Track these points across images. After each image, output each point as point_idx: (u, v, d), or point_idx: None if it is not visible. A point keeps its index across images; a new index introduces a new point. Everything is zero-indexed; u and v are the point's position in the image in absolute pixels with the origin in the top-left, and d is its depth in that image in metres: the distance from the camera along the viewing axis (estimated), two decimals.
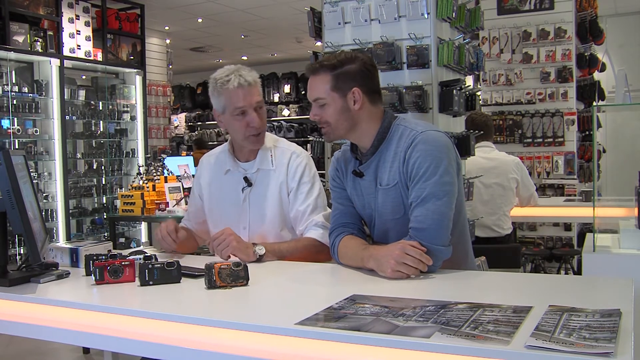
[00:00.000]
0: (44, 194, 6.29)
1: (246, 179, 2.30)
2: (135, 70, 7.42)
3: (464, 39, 3.33)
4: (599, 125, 6.66)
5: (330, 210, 2.22)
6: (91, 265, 1.86)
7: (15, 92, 5.97)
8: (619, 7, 8.43)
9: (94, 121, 7.03)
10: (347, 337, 1.24)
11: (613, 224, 3.12)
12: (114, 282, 1.81)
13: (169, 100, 8.82)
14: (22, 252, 5.68)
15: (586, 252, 2.66)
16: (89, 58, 6.80)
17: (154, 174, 5.14)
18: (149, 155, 7.49)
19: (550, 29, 5.61)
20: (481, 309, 1.37)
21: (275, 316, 1.48)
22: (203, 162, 2.49)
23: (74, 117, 6.72)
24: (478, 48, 3.50)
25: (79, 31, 6.70)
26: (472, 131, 3.29)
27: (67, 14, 6.58)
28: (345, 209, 2.11)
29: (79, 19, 6.70)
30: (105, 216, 6.94)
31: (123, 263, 1.83)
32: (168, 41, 9.24)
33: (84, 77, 7.56)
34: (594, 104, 5.87)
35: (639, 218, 2.58)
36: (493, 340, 1.16)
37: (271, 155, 2.31)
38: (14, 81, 6.03)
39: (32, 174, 2.68)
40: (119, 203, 4.94)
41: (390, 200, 1.97)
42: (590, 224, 3.36)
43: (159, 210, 4.67)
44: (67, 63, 6.51)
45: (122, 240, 6.92)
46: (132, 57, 7.51)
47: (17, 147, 5.98)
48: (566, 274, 5.11)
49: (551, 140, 5.59)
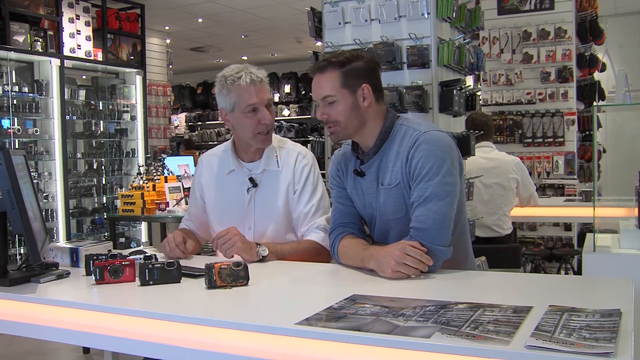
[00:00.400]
0: (44, 194, 6.29)
1: (252, 179, 2.29)
2: (136, 70, 7.42)
3: (464, 39, 3.33)
4: (599, 125, 6.66)
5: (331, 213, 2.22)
6: (91, 265, 1.86)
7: (16, 92, 5.97)
8: (619, 7, 8.43)
9: (94, 121, 7.03)
10: (347, 337, 1.24)
11: (613, 224, 3.12)
12: (114, 282, 1.81)
13: (169, 100, 8.82)
14: (22, 252, 5.68)
15: (586, 252, 2.66)
16: (89, 58, 6.80)
17: (154, 173, 5.14)
18: (149, 155, 7.49)
19: (550, 29, 5.61)
20: (481, 309, 1.37)
21: (275, 316, 1.48)
22: (203, 162, 2.46)
23: (74, 117, 6.71)
24: (478, 48, 3.50)
25: (79, 31, 6.70)
26: (472, 131, 3.29)
27: (67, 13, 6.58)
28: (345, 208, 2.10)
29: (79, 19, 6.70)
30: (105, 216, 6.93)
31: (123, 263, 1.83)
32: (168, 41, 9.24)
33: (84, 77, 7.56)
34: (594, 104, 5.87)
35: (639, 218, 2.58)
36: (493, 340, 1.16)
37: (277, 156, 2.29)
38: (14, 81, 6.03)
39: (32, 173, 2.67)
40: (119, 203, 4.94)
41: (392, 200, 1.97)
42: (590, 224, 3.37)
43: (159, 210, 4.67)
44: (67, 63, 6.51)
45: (122, 240, 6.92)
46: (132, 57, 7.51)
47: (17, 147, 5.98)
48: (566, 274, 5.11)
49: (551, 140, 5.59)
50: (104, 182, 7.05)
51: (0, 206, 1.77)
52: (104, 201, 7.06)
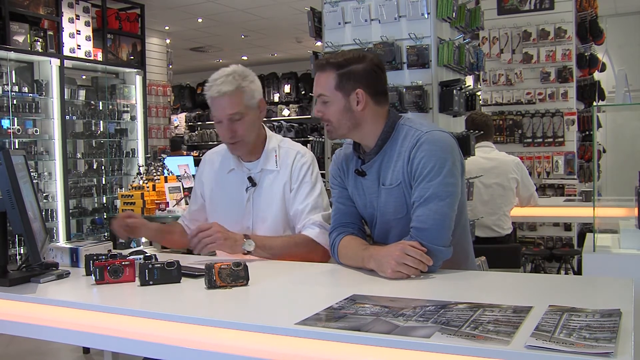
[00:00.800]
0: (44, 194, 6.29)
1: (250, 179, 2.29)
2: (135, 70, 7.42)
3: (464, 39, 3.33)
4: (599, 125, 6.66)
5: (329, 212, 2.22)
6: (91, 265, 1.86)
7: (15, 92, 5.97)
8: (619, 7, 8.43)
9: (94, 121, 7.03)
10: (347, 337, 1.24)
11: (613, 224, 3.12)
12: (114, 282, 1.81)
13: (169, 100, 8.82)
14: (22, 252, 5.68)
15: (586, 252, 2.66)
16: (89, 58, 6.80)
17: (154, 173, 5.14)
18: (149, 155, 7.49)
19: (550, 29, 5.61)
20: (481, 309, 1.37)
21: (275, 316, 1.47)
22: (206, 160, 2.48)
23: (74, 117, 6.72)
24: (478, 48, 3.51)
25: (79, 31, 6.71)
26: (472, 131, 3.29)
27: (67, 13, 6.58)
28: (345, 208, 2.10)
29: (79, 19, 6.71)
30: (105, 216, 6.93)
31: (123, 263, 1.83)
32: (168, 41, 9.25)
33: (84, 77, 7.56)
34: (594, 104, 5.87)
35: (639, 218, 2.58)
36: (493, 340, 1.16)
37: (276, 156, 2.30)
38: (14, 81, 6.03)
39: (32, 173, 2.68)
40: (119, 203, 4.95)
41: (393, 200, 1.97)
42: (590, 224, 3.36)
43: (159, 210, 4.67)
44: (67, 63, 6.51)
45: (122, 240, 6.90)
46: (132, 57, 7.51)
47: (17, 147, 5.98)
48: (566, 274, 5.11)
49: (551, 140, 5.59)
50: (104, 182, 7.05)
51: (0, 206, 1.77)
52: (104, 201, 7.06)
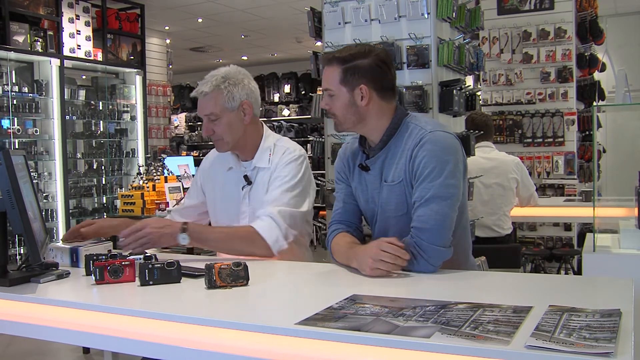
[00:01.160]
0: (44, 194, 6.29)
1: (246, 177, 2.31)
2: (135, 70, 7.42)
3: (464, 39, 3.34)
4: (599, 125, 6.66)
5: (298, 211, 2.19)
6: (91, 265, 1.86)
7: (15, 92, 5.97)
8: (619, 7, 8.43)
9: (94, 121, 7.03)
10: (347, 337, 1.24)
11: (613, 224, 3.12)
12: (114, 282, 1.81)
13: (169, 100, 8.82)
14: (22, 252, 5.68)
15: (586, 252, 2.66)
16: (89, 58, 6.80)
17: (154, 174, 5.14)
18: (149, 155, 7.49)
19: (550, 29, 5.61)
20: (481, 309, 1.37)
21: (275, 316, 1.48)
22: (208, 158, 2.51)
23: (74, 117, 6.72)
24: (478, 48, 3.51)
25: (79, 31, 6.71)
26: (472, 131, 3.29)
27: (67, 14, 6.58)
28: (345, 206, 2.11)
29: (79, 19, 6.71)
30: (105, 216, 6.93)
31: (123, 263, 1.83)
32: (168, 41, 9.25)
33: (84, 77, 7.56)
34: (594, 104, 5.88)
35: (639, 218, 2.58)
36: (493, 340, 1.16)
37: (270, 154, 2.31)
38: (14, 81, 6.03)
39: (32, 173, 2.68)
40: (119, 203, 4.95)
41: (394, 197, 1.97)
42: (590, 224, 3.36)
43: (159, 210, 4.67)
44: (67, 63, 6.51)
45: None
46: (132, 57, 7.51)
47: (17, 147, 5.98)
48: (566, 274, 5.11)
49: (551, 140, 5.59)
50: (104, 182, 7.05)
51: (0, 206, 1.77)
52: (104, 201, 7.06)
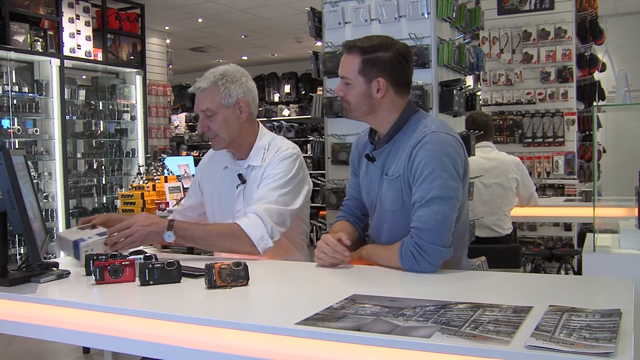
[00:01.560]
0: (44, 194, 6.29)
1: (240, 176, 2.32)
2: (136, 70, 7.42)
3: (464, 39, 3.33)
4: (599, 125, 6.66)
5: (287, 209, 2.20)
6: (91, 265, 1.86)
7: (16, 92, 5.97)
8: (619, 7, 8.43)
9: (94, 121, 7.03)
10: (347, 337, 1.24)
11: (613, 224, 3.12)
12: (114, 282, 1.81)
13: (169, 100, 8.82)
14: (22, 252, 5.68)
15: (586, 252, 2.66)
16: (89, 58, 6.80)
17: (154, 173, 5.14)
18: (149, 155, 7.49)
19: (550, 29, 5.61)
20: (481, 309, 1.37)
21: (275, 316, 1.48)
22: (206, 157, 2.53)
23: (74, 117, 6.72)
24: (478, 48, 3.51)
25: (79, 31, 6.70)
26: (472, 131, 3.29)
27: (67, 13, 6.58)
28: (351, 197, 2.21)
29: (79, 19, 6.70)
30: None
31: (123, 263, 1.83)
32: (168, 41, 9.24)
33: (84, 77, 7.56)
34: (594, 104, 5.87)
35: (639, 218, 2.58)
36: (493, 340, 1.16)
37: (264, 153, 2.32)
38: (14, 81, 6.03)
39: (32, 173, 2.68)
40: (119, 203, 4.95)
41: (391, 191, 1.99)
42: (590, 224, 3.36)
43: (159, 210, 4.67)
44: (67, 63, 6.51)
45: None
46: (132, 57, 7.51)
47: (17, 147, 5.98)
48: (566, 274, 5.11)
49: (551, 140, 5.59)
50: (104, 182, 7.05)
51: (0, 206, 1.76)
52: (104, 201, 7.06)
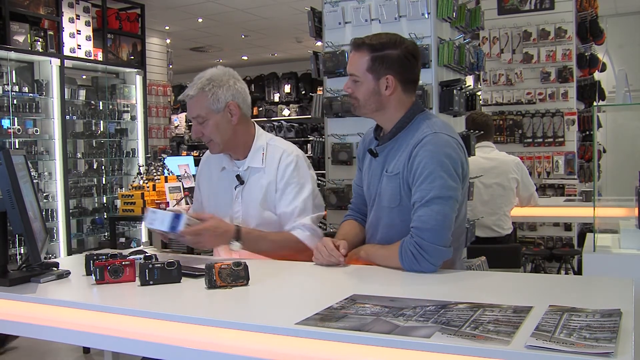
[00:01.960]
0: (44, 194, 6.29)
1: (238, 177, 2.33)
2: (136, 70, 7.42)
3: (464, 39, 3.33)
4: (599, 125, 6.66)
5: (322, 213, 2.32)
6: (91, 265, 1.86)
7: (16, 91, 5.97)
8: (619, 7, 8.43)
9: (94, 121, 7.03)
10: (348, 337, 1.24)
11: (613, 224, 3.12)
12: (114, 282, 1.81)
13: (169, 100, 8.82)
14: (22, 252, 5.68)
15: (586, 252, 2.66)
16: (89, 58, 6.80)
17: (154, 173, 5.14)
18: (149, 155, 7.49)
19: (550, 29, 5.61)
20: (481, 309, 1.37)
21: (275, 316, 1.47)
22: (204, 159, 2.54)
23: (74, 117, 6.72)
24: (478, 48, 3.50)
25: (79, 31, 6.70)
26: (472, 131, 3.29)
27: (67, 13, 6.58)
28: (357, 195, 2.24)
29: (79, 19, 6.70)
30: (105, 216, 6.93)
31: (123, 263, 1.83)
32: (168, 41, 9.24)
33: (84, 76, 7.56)
34: (594, 104, 5.87)
35: (639, 218, 2.58)
36: (493, 340, 1.16)
37: (263, 154, 2.32)
38: (14, 81, 6.03)
39: (32, 173, 2.68)
40: (119, 203, 4.94)
41: (390, 188, 1.99)
42: (591, 224, 3.37)
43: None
44: (67, 63, 6.51)
45: (123, 240, 6.92)
46: (132, 57, 7.51)
47: (17, 147, 5.98)
48: (566, 274, 5.10)
49: (551, 140, 5.59)
50: (104, 182, 7.05)
51: (0, 206, 1.77)
52: (104, 201, 7.06)
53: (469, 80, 4.97)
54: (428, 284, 1.73)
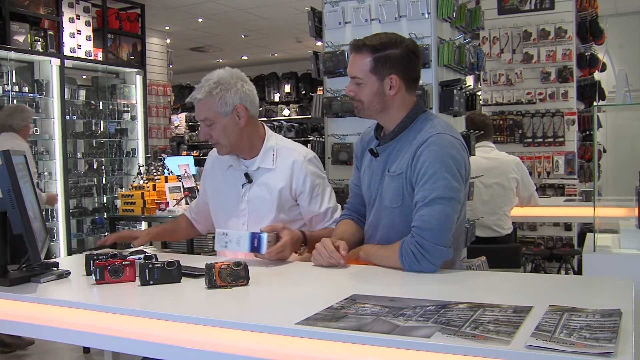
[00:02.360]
0: (44, 194, 6.28)
1: (247, 175, 2.33)
2: (136, 70, 7.42)
3: (465, 39, 3.33)
4: (600, 125, 6.66)
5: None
6: (91, 265, 1.86)
7: (16, 91, 5.97)
8: (619, 7, 8.43)
9: (94, 121, 7.03)
10: (348, 337, 1.24)
11: (613, 224, 3.12)
12: (114, 281, 1.81)
13: (169, 100, 8.82)
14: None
15: (586, 252, 2.66)
16: (90, 58, 6.80)
17: (154, 173, 5.14)
18: (149, 155, 7.49)
19: (550, 29, 5.61)
20: (481, 309, 1.37)
21: (275, 316, 1.48)
22: (209, 156, 2.54)
23: (75, 117, 6.72)
24: (478, 48, 3.51)
25: (80, 31, 6.70)
26: (472, 131, 3.29)
27: (67, 13, 6.58)
28: (354, 194, 2.24)
29: (79, 19, 6.70)
30: (105, 216, 6.93)
31: (123, 263, 1.83)
32: (168, 41, 9.24)
33: (84, 76, 7.56)
34: (595, 104, 5.87)
35: (639, 218, 2.58)
36: (493, 340, 1.16)
37: (273, 155, 2.32)
38: (14, 81, 6.03)
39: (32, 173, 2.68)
40: (119, 203, 4.94)
41: (392, 188, 1.99)
42: (591, 224, 3.36)
43: (159, 210, 4.67)
44: (67, 63, 6.50)
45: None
46: (132, 57, 7.51)
47: None
48: (566, 274, 5.11)
49: (551, 140, 5.59)
50: (104, 182, 7.05)
51: (1, 206, 1.77)
52: (104, 201, 7.06)
53: (469, 80, 4.97)
54: (428, 284, 1.73)
